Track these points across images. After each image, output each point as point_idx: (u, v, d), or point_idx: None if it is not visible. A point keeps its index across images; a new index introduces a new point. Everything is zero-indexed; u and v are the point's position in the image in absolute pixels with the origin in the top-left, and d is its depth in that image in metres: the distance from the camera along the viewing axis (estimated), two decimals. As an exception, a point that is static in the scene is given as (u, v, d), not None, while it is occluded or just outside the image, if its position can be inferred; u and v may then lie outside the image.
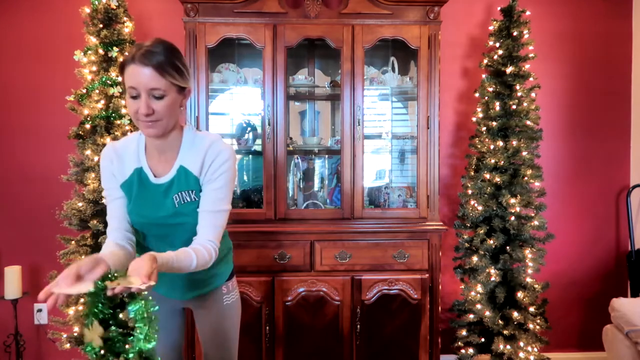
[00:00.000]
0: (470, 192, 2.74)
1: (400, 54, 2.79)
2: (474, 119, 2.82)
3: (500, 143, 2.67)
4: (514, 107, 2.64)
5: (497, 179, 2.64)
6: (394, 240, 2.53)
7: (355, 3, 2.52)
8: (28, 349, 2.91)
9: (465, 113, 3.06)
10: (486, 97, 2.73)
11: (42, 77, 2.89)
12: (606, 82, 3.12)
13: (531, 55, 2.68)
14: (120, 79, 2.44)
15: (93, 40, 2.45)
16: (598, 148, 3.14)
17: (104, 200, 1.53)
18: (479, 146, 2.74)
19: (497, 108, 2.67)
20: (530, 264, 2.66)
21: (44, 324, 2.93)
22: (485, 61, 2.75)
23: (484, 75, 2.75)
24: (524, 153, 2.66)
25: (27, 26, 2.88)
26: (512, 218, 2.64)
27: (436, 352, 2.56)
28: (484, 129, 2.74)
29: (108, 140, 2.41)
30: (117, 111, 2.46)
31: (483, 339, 2.73)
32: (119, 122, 2.45)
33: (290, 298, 2.48)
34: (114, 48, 2.46)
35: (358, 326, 2.50)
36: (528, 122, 2.67)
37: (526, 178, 2.66)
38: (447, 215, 3.07)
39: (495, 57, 2.70)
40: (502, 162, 2.65)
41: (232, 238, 1.76)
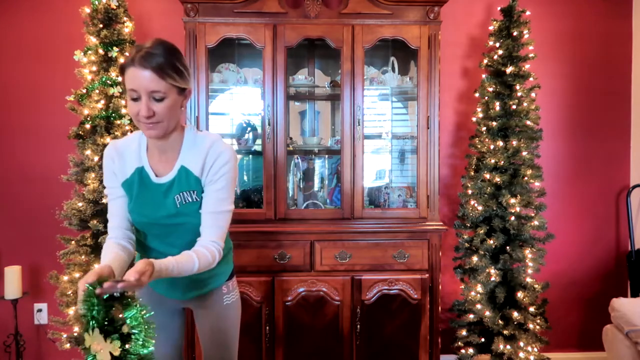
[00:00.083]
0: (470, 192, 2.74)
1: (400, 54, 2.79)
2: (474, 119, 2.82)
3: (500, 143, 2.67)
4: (514, 107, 2.65)
5: (497, 179, 2.64)
6: (394, 240, 2.53)
7: (355, 3, 2.52)
8: (28, 349, 2.91)
9: (465, 113, 3.06)
10: (486, 97, 2.73)
11: (42, 77, 2.89)
12: (606, 82, 3.12)
13: (531, 55, 2.68)
14: (120, 79, 2.46)
15: (93, 40, 2.46)
16: (598, 148, 3.14)
17: (106, 199, 1.53)
18: (479, 146, 2.74)
19: (497, 108, 2.67)
20: (530, 264, 2.66)
21: (44, 324, 2.93)
22: (485, 61, 2.75)
23: (484, 75, 2.75)
24: (524, 153, 2.66)
25: (27, 26, 2.88)
26: (512, 218, 2.64)
27: (436, 352, 2.56)
28: (484, 129, 2.74)
29: (108, 140, 2.41)
30: (117, 111, 2.46)
31: (483, 339, 2.73)
32: (119, 122, 2.45)
33: (290, 298, 2.48)
34: (114, 48, 2.46)
35: (358, 326, 2.50)
36: (528, 122, 2.67)
37: (526, 178, 2.66)
38: (447, 215, 3.07)
39: (495, 57, 2.70)
40: (502, 162, 2.65)
41: (232, 238, 1.75)
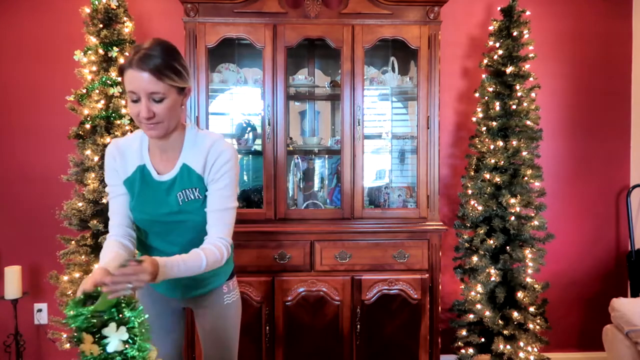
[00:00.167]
0: (470, 192, 2.74)
1: (400, 54, 2.79)
2: (474, 119, 2.82)
3: (500, 143, 2.67)
4: (514, 107, 2.64)
5: (497, 179, 2.64)
6: (394, 240, 2.53)
7: (355, 3, 2.52)
8: (28, 349, 2.91)
9: (465, 113, 3.06)
10: (486, 97, 2.73)
11: (42, 77, 2.89)
12: (606, 82, 3.12)
13: (531, 55, 2.68)
14: (120, 79, 2.45)
15: (93, 40, 2.46)
16: (598, 148, 3.14)
17: (106, 199, 1.54)
18: (479, 146, 2.74)
19: (497, 108, 2.67)
20: (530, 264, 2.66)
21: (44, 324, 2.93)
22: (485, 61, 2.75)
23: (484, 75, 2.75)
24: (524, 153, 2.66)
25: (27, 26, 2.88)
26: (512, 218, 2.64)
27: (436, 352, 2.56)
28: (484, 129, 2.74)
29: (108, 140, 2.41)
30: (117, 111, 2.46)
31: (483, 339, 2.73)
32: (119, 122, 2.45)
33: (290, 298, 2.48)
34: (114, 48, 2.46)
35: (358, 326, 2.50)
36: (528, 122, 2.67)
37: (526, 178, 2.66)
38: (447, 215, 3.07)
39: (495, 57, 2.70)
40: (502, 162, 2.65)
41: (232, 238, 1.75)
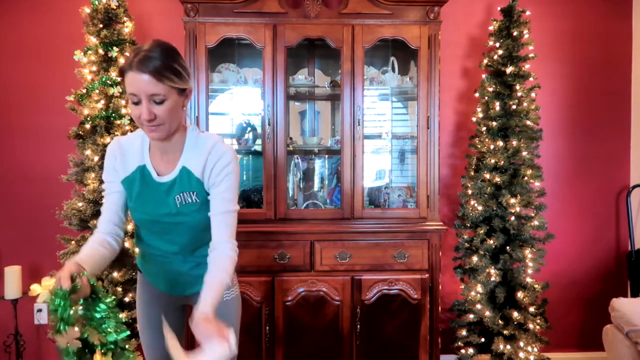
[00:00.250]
0: (470, 192, 2.74)
1: (400, 54, 2.79)
2: (474, 119, 2.82)
3: (500, 143, 2.67)
4: (514, 107, 2.64)
5: (497, 179, 2.64)
6: (394, 240, 2.53)
7: (355, 3, 2.52)
8: (28, 349, 2.91)
9: (465, 113, 3.06)
10: (486, 97, 2.73)
11: (42, 77, 2.89)
12: (606, 82, 3.12)
13: (531, 55, 2.68)
14: (120, 79, 2.46)
15: (93, 40, 2.46)
16: (598, 148, 3.14)
17: (103, 193, 1.54)
18: (479, 146, 2.74)
19: (497, 108, 2.67)
20: (530, 264, 2.66)
21: (44, 324, 2.93)
22: (485, 61, 2.75)
23: (484, 75, 2.75)
24: (524, 153, 2.66)
25: (27, 26, 2.88)
26: (512, 218, 2.64)
27: (436, 352, 2.56)
28: (484, 129, 2.74)
29: (108, 140, 2.42)
30: (117, 111, 2.46)
31: (483, 339, 2.73)
32: (119, 122, 2.45)
33: (290, 298, 2.48)
34: (114, 48, 2.46)
35: (358, 326, 2.50)
36: (528, 122, 2.67)
37: (526, 178, 2.66)
38: (447, 215, 3.07)
39: (495, 57, 2.70)
40: (502, 162, 2.65)
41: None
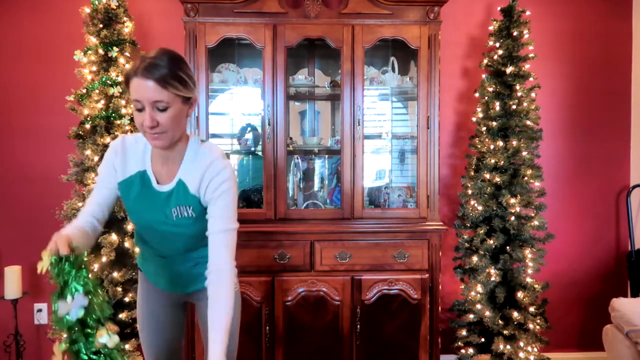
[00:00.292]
0: (470, 192, 2.74)
1: (400, 54, 2.79)
2: (474, 119, 2.82)
3: (500, 143, 2.67)
4: (514, 107, 2.64)
5: (497, 179, 2.64)
6: (394, 240, 2.53)
7: (355, 3, 2.52)
8: (28, 349, 2.90)
9: (465, 113, 3.06)
10: (486, 97, 2.73)
11: (42, 77, 2.89)
12: (606, 82, 3.12)
13: (531, 55, 2.68)
14: (120, 78, 2.46)
15: (93, 40, 2.46)
16: (598, 148, 3.14)
17: (93, 185, 1.52)
18: (479, 146, 2.74)
19: (497, 108, 2.67)
20: (530, 264, 2.66)
21: (44, 324, 2.93)
22: (485, 61, 2.75)
23: (484, 75, 2.75)
24: (524, 153, 2.66)
25: (27, 26, 2.88)
26: (512, 218, 2.64)
27: (436, 352, 2.56)
28: (484, 129, 2.74)
29: (108, 140, 2.42)
30: (117, 111, 2.46)
31: (483, 339, 2.73)
32: (119, 122, 2.45)
33: (290, 298, 2.48)
34: (114, 48, 2.46)
35: (358, 326, 2.50)
36: (528, 122, 2.67)
37: (526, 178, 2.66)
38: (447, 215, 3.07)
39: (495, 57, 2.70)
40: (502, 162, 2.65)
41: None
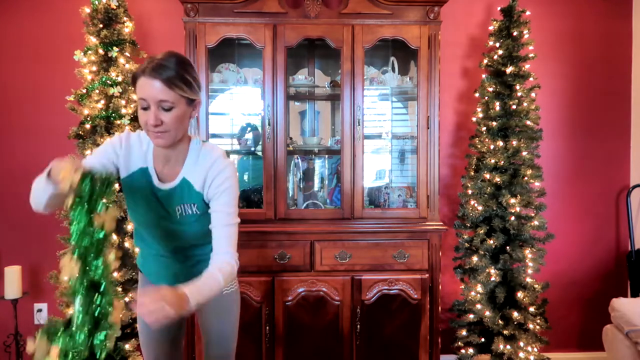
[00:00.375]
0: (470, 192, 2.74)
1: (400, 54, 2.79)
2: (474, 119, 2.82)
3: (500, 143, 2.67)
4: (514, 107, 2.64)
5: (497, 179, 2.64)
6: (394, 240, 2.53)
7: (355, 3, 2.52)
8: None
9: (465, 113, 3.06)
10: (486, 97, 2.73)
11: (42, 77, 2.89)
12: (606, 82, 3.12)
13: (531, 55, 2.68)
14: (119, 78, 2.46)
15: (93, 40, 2.46)
16: (598, 148, 3.14)
17: (87, 158, 1.49)
18: (479, 146, 2.74)
19: (497, 108, 2.67)
20: (530, 264, 2.66)
21: (44, 324, 2.93)
22: (485, 61, 2.75)
23: (484, 75, 2.75)
24: (524, 153, 2.66)
25: (27, 26, 2.88)
26: (512, 218, 2.64)
27: (436, 352, 2.56)
28: (484, 129, 2.74)
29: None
30: (117, 111, 2.46)
31: (483, 339, 2.73)
32: (119, 122, 2.45)
33: (290, 298, 2.48)
34: (114, 48, 2.46)
35: (358, 326, 2.50)
36: (528, 122, 2.67)
37: (526, 178, 2.66)
38: (447, 215, 3.07)
39: (495, 57, 2.70)
40: (502, 162, 2.65)
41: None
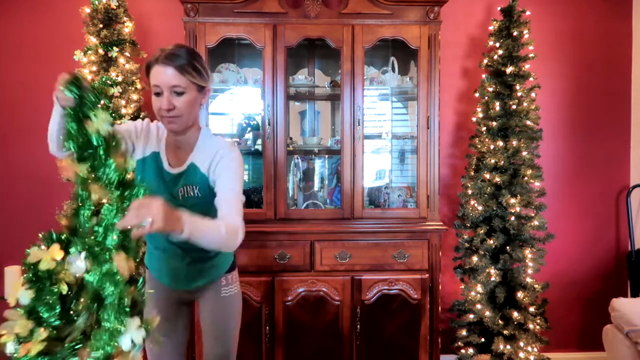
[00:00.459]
0: (470, 192, 2.74)
1: (400, 54, 2.79)
2: (474, 119, 2.82)
3: (500, 143, 2.67)
4: (514, 107, 2.64)
5: (497, 179, 2.64)
6: (394, 240, 2.53)
7: (355, 3, 2.52)
8: (28, 349, 2.90)
9: (465, 113, 3.06)
10: (486, 97, 2.73)
11: (42, 77, 2.89)
12: (606, 82, 3.12)
13: (531, 55, 2.68)
14: (119, 78, 2.46)
15: (93, 40, 2.46)
16: (598, 148, 3.14)
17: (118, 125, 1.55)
18: (479, 146, 2.74)
19: (497, 108, 2.67)
20: (530, 264, 2.66)
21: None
22: (485, 61, 2.75)
23: (484, 75, 2.75)
24: (524, 153, 2.66)
25: (27, 26, 2.88)
26: (512, 218, 2.64)
27: (436, 352, 2.56)
28: (484, 129, 2.74)
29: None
30: (117, 111, 2.46)
31: (483, 339, 2.73)
32: (119, 122, 2.45)
33: (290, 298, 2.48)
34: (114, 48, 2.46)
35: (358, 326, 2.50)
36: (528, 122, 2.67)
37: (526, 178, 2.66)
38: (447, 215, 3.07)
39: (495, 57, 2.70)
40: (502, 162, 2.65)
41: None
